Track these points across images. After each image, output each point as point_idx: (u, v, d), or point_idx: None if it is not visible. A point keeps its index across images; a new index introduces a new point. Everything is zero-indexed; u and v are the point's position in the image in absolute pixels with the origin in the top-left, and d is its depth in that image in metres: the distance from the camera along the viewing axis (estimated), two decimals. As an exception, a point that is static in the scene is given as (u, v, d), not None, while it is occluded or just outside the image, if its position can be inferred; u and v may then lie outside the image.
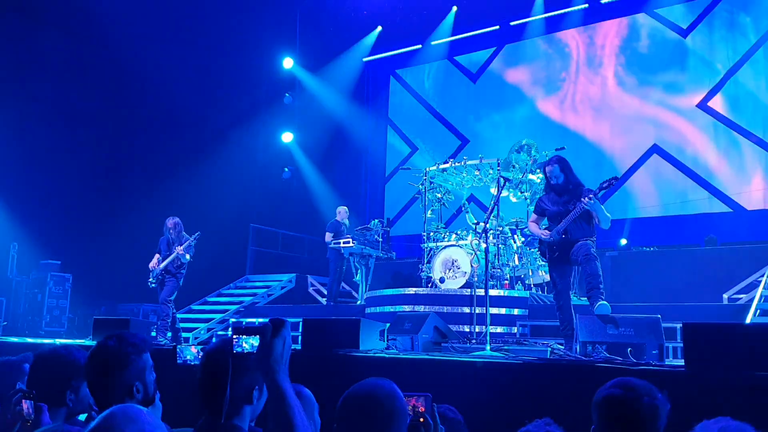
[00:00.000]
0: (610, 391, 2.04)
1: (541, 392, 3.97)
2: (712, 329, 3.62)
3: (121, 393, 2.12)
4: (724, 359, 3.40)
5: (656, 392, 2.02)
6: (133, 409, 1.51)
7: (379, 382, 1.84)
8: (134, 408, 1.52)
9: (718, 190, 10.96)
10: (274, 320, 1.68)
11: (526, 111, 13.42)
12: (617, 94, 12.38)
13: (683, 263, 9.16)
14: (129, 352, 2.22)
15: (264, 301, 11.76)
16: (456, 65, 14.60)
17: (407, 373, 4.44)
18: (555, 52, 13.31)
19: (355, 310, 9.49)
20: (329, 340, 5.00)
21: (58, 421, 2.33)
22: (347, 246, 10.16)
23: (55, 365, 2.46)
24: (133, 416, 1.45)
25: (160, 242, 8.30)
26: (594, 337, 5.03)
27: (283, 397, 1.57)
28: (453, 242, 8.96)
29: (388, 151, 15.23)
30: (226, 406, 2.00)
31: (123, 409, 1.50)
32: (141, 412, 1.49)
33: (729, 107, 11.16)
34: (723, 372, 3.34)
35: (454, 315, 7.72)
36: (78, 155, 11.31)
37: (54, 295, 10.69)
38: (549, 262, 5.96)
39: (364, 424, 1.73)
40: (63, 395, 2.38)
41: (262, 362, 1.62)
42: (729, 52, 11.35)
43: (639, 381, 2.08)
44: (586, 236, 5.67)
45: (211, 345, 2.25)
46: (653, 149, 11.77)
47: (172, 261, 8.06)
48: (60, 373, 2.42)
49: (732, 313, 7.15)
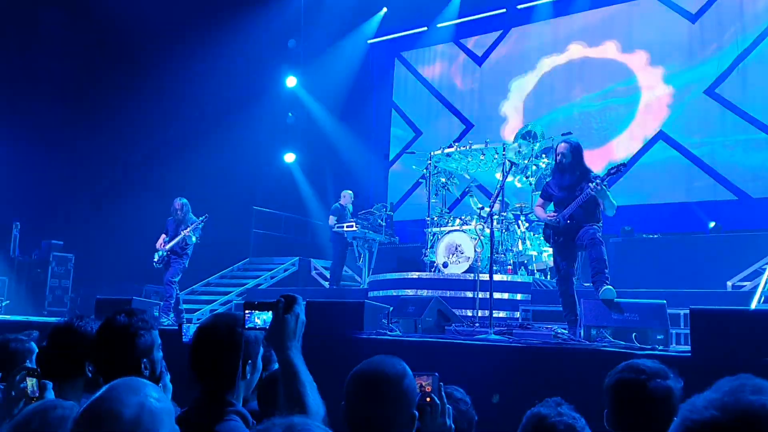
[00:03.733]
0: (620, 375, 2.03)
1: (546, 376, 3.97)
2: (718, 315, 3.61)
3: (128, 369, 2.10)
4: (731, 345, 3.39)
5: (667, 372, 2.00)
6: (136, 380, 1.48)
7: (388, 359, 1.82)
8: (138, 380, 1.49)
9: (724, 178, 10.90)
10: (286, 296, 1.66)
11: (532, 95, 13.33)
12: (624, 80, 12.27)
13: (688, 250, 9.15)
14: (138, 327, 2.21)
15: (267, 283, 11.79)
16: (462, 48, 14.48)
17: (411, 356, 4.41)
18: (561, 36, 13.18)
19: (358, 294, 9.50)
20: (333, 322, 5.00)
21: (76, 391, 2.32)
22: (350, 230, 10.14)
23: (72, 337, 2.45)
24: (135, 387, 1.42)
25: (168, 223, 8.29)
26: (598, 321, 5.01)
27: (295, 373, 1.55)
28: (457, 227, 8.95)
29: (393, 134, 15.16)
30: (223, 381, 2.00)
31: (126, 380, 1.47)
32: (145, 384, 1.46)
33: (736, 94, 11.06)
34: (729, 357, 3.33)
35: (458, 299, 7.73)
36: (82, 135, 11.26)
37: (57, 275, 10.72)
38: (553, 247, 5.93)
39: (374, 401, 1.71)
40: (82, 366, 2.37)
41: (274, 338, 1.61)
42: (737, 38, 11.23)
43: (649, 362, 2.07)
44: (591, 222, 5.64)
45: (204, 321, 2.25)
46: (659, 135, 11.70)
47: (179, 242, 8.05)
48: (77, 344, 2.41)
49: (736, 299, 7.15)
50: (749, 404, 0.92)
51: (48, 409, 1.70)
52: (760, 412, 0.92)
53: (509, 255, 8.73)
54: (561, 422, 1.96)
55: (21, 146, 10.64)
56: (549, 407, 2.01)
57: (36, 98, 10.93)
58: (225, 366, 2.02)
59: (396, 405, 1.72)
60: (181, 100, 12.13)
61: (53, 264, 10.65)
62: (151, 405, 1.39)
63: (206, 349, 2.06)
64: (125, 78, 11.78)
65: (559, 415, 1.97)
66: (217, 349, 2.04)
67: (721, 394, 0.96)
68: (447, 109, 14.43)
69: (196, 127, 12.35)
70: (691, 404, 0.97)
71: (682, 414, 0.97)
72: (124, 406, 1.36)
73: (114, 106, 11.77)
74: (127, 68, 11.69)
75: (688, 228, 10.15)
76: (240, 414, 1.99)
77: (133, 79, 11.80)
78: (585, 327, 5.05)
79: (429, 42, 14.86)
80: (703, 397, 0.97)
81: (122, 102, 11.85)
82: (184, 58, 11.77)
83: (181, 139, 12.09)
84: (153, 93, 11.96)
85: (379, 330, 5.17)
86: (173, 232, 8.15)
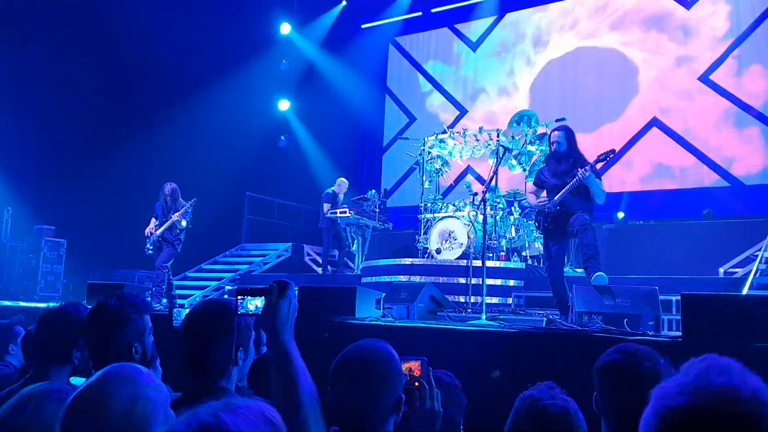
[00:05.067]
0: (611, 356, 2.03)
1: (537, 361, 3.98)
2: (710, 300, 3.61)
3: (119, 352, 2.10)
4: (722, 330, 3.40)
5: (658, 357, 2.01)
6: (129, 369, 1.44)
7: (373, 343, 1.81)
8: (131, 368, 1.45)
9: (717, 165, 10.93)
10: (279, 281, 1.65)
11: (526, 81, 13.30)
12: (618, 66, 12.26)
13: (680, 237, 9.18)
14: (130, 311, 2.20)
15: (260, 269, 11.77)
16: (456, 33, 14.41)
17: (403, 341, 4.43)
18: (556, 22, 13.14)
19: (352, 280, 9.50)
20: (326, 307, 4.99)
21: (63, 378, 2.31)
22: (344, 216, 10.12)
23: (63, 322, 2.44)
24: (127, 377, 1.39)
25: (157, 207, 8.24)
26: (590, 307, 5.03)
27: (288, 359, 1.55)
28: (450, 213, 8.94)
29: (386, 120, 15.10)
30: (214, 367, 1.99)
31: (118, 369, 1.43)
32: (139, 372, 1.43)
33: (730, 81, 11.07)
34: (720, 342, 3.34)
35: (450, 285, 7.74)
36: (73, 119, 11.16)
37: (48, 260, 10.67)
38: (543, 233, 5.92)
39: (358, 386, 1.71)
40: (69, 353, 2.36)
41: (267, 324, 1.60)
42: (732, 25, 11.22)
43: (640, 346, 2.07)
44: (582, 209, 5.62)
45: (194, 308, 2.23)
46: (653, 122, 11.71)
47: (170, 228, 8.02)
48: (67, 330, 2.40)
49: (728, 286, 7.18)
50: (720, 387, 0.95)
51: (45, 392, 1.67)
52: (730, 393, 0.94)
53: (503, 241, 8.74)
54: (553, 405, 1.96)
55: (12, 131, 10.54)
56: (541, 391, 2.02)
57: (24, 82, 10.82)
58: (217, 352, 2.01)
59: (381, 388, 1.72)
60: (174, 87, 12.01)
61: (45, 249, 10.60)
62: (145, 396, 1.35)
63: (197, 336, 2.05)
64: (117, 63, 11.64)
65: (552, 398, 1.98)
66: (208, 335, 2.02)
67: (691, 378, 0.97)
68: (441, 95, 14.38)
69: (189, 114, 12.24)
70: (662, 389, 0.98)
71: (655, 400, 0.98)
72: (114, 399, 1.32)
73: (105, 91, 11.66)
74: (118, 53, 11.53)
75: (681, 214, 10.18)
76: None
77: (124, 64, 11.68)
78: (577, 313, 5.07)
79: (423, 27, 14.78)
80: (674, 383, 0.98)
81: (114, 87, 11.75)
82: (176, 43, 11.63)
83: (174, 125, 11.98)
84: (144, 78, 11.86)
85: (371, 316, 5.17)
86: (162, 216, 8.10)
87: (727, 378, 0.97)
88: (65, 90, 11.16)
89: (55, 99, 11.03)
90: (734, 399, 0.94)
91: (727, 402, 0.94)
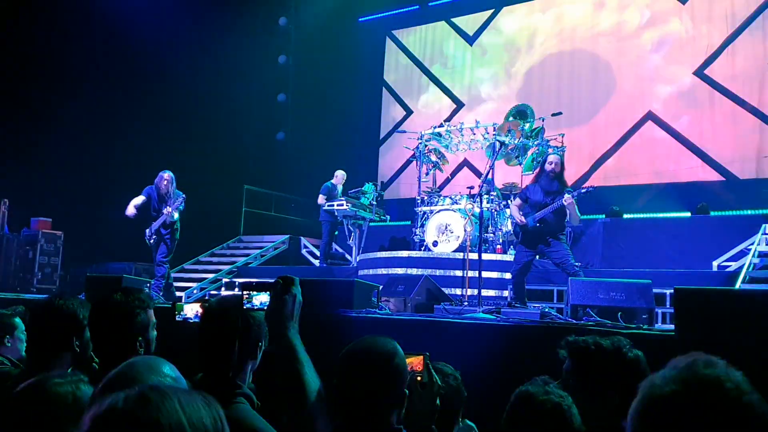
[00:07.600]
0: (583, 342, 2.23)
1: (532, 353, 4.02)
2: (703, 294, 3.66)
3: (123, 346, 2.14)
4: (714, 324, 3.44)
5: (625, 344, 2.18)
6: (154, 359, 1.51)
7: (380, 339, 1.84)
8: (155, 358, 1.52)
9: (712, 159, 10.98)
10: (284, 277, 1.69)
11: (523, 75, 13.31)
12: (614, 60, 12.28)
13: (674, 230, 9.25)
14: (134, 306, 2.24)
15: (257, 262, 11.80)
16: (453, 27, 14.39)
17: (401, 333, 4.47)
18: (552, 16, 13.14)
19: (349, 272, 9.54)
20: (323, 300, 5.03)
21: (64, 365, 2.35)
22: (341, 208, 10.15)
23: (63, 312, 2.47)
24: (153, 366, 1.46)
25: (147, 190, 8.09)
26: (585, 300, 5.09)
27: (293, 354, 1.58)
28: (447, 206, 8.98)
29: (383, 113, 15.10)
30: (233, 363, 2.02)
31: (144, 358, 1.50)
32: (163, 363, 1.50)
33: (725, 75, 11.10)
34: (712, 336, 3.39)
35: (447, 278, 7.80)
36: (71, 111, 11.12)
37: (46, 252, 10.67)
38: (520, 242, 6.74)
39: (365, 381, 1.74)
40: (69, 340, 2.40)
41: (273, 318, 1.63)
42: (727, 20, 11.24)
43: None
44: (558, 230, 6.45)
45: (213, 305, 2.26)
46: (648, 116, 11.74)
47: (162, 223, 8.01)
48: (67, 319, 2.43)
49: (721, 280, 7.25)
50: (704, 377, 1.04)
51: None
52: (714, 382, 1.03)
53: (499, 234, 8.79)
54: (548, 401, 2.00)
55: (9, 123, 10.51)
56: (537, 386, 2.05)
57: (23, 73, 10.78)
58: (237, 350, 2.04)
59: (387, 384, 1.74)
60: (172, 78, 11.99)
61: (42, 241, 10.59)
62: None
63: (218, 334, 2.07)
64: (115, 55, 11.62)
65: (546, 394, 2.02)
66: (230, 334, 2.05)
67: (677, 370, 1.06)
68: (438, 88, 14.38)
69: (187, 106, 12.22)
70: (650, 381, 1.06)
71: (643, 392, 1.06)
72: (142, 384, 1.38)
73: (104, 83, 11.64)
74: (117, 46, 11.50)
75: (675, 208, 10.24)
76: (246, 396, 2.02)
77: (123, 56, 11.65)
78: (572, 306, 5.13)
79: (420, 20, 14.75)
80: (661, 376, 1.06)
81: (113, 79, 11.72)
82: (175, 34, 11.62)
83: (172, 117, 11.98)
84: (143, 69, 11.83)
85: (368, 308, 5.20)
86: (156, 204, 8.05)
87: (711, 370, 1.05)
88: (63, 81, 11.14)
89: (53, 90, 11.00)
90: (719, 388, 1.02)
91: (713, 391, 1.02)
